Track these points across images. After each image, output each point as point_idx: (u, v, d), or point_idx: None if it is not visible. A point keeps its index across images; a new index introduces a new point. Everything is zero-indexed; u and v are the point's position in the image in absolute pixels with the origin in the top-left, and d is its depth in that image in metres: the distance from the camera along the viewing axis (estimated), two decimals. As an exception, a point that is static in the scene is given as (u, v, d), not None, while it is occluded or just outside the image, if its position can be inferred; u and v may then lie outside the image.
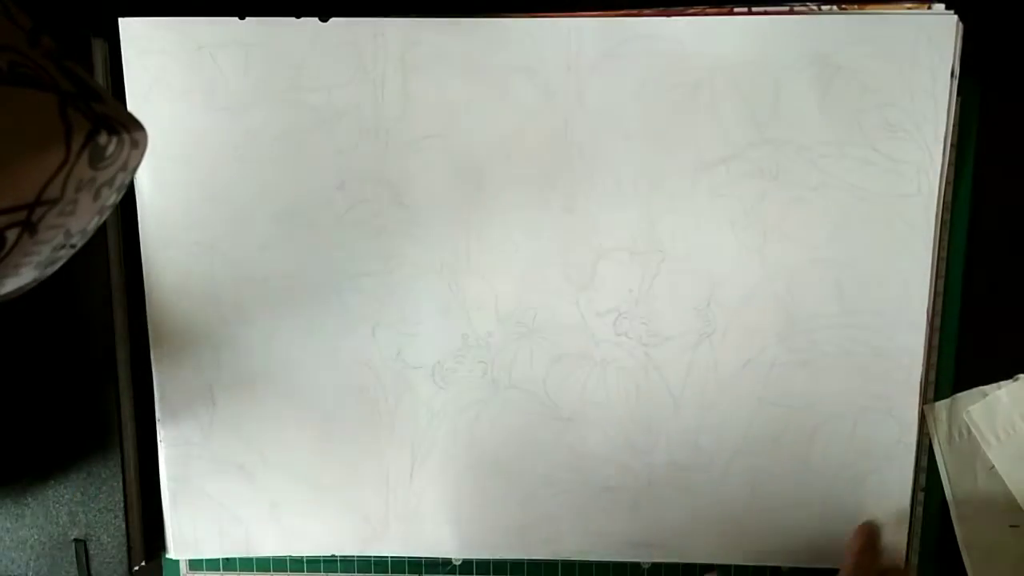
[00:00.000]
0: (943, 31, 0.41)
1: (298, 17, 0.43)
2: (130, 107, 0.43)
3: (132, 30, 0.43)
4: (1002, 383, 0.46)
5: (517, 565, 0.49)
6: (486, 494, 0.47)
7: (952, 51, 0.41)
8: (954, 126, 0.43)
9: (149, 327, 0.46)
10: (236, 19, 0.43)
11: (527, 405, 0.46)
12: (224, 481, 0.47)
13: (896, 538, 0.47)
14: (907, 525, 0.47)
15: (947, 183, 0.44)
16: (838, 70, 0.42)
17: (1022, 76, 0.44)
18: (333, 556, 0.49)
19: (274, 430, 0.47)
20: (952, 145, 0.43)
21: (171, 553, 0.48)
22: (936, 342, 0.46)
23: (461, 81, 0.43)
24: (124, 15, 0.43)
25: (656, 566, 0.49)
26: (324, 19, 0.43)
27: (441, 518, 0.48)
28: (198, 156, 0.44)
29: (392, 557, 0.49)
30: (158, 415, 0.47)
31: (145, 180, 0.44)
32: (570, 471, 0.47)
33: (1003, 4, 0.43)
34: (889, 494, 0.46)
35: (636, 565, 0.49)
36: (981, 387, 0.46)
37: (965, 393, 0.46)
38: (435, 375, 0.46)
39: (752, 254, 0.44)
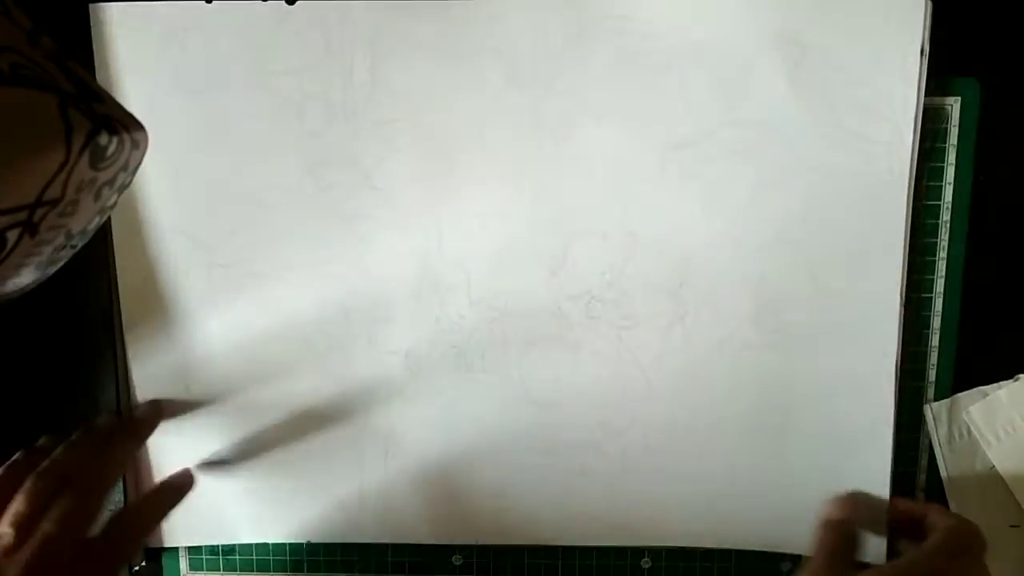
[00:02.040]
0: (912, 9, 0.41)
1: (265, 0, 0.42)
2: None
3: (101, 14, 0.42)
4: (1002, 383, 0.46)
5: (517, 566, 0.49)
6: (460, 479, 0.47)
7: (921, 29, 0.41)
8: (954, 126, 0.43)
9: (121, 312, 0.46)
10: (203, 2, 0.42)
11: (500, 389, 0.46)
12: (197, 467, 0.47)
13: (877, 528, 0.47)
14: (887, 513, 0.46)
15: (947, 183, 0.44)
16: (807, 49, 0.42)
17: (1022, 76, 0.44)
18: (333, 557, 0.49)
19: (247, 416, 0.47)
20: (952, 145, 0.44)
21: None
22: (936, 342, 0.46)
23: (430, 64, 0.43)
24: (94, 0, 0.42)
25: (656, 566, 0.49)
26: (291, 2, 0.42)
27: (416, 504, 0.48)
28: (166, 140, 0.44)
29: (392, 559, 0.49)
30: (133, 400, 0.47)
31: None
32: (544, 455, 0.47)
33: (1002, 4, 0.43)
34: (868, 482, 0.46)
35: (636, 565, 0.49)
36: (981, 387, 0.46)
37: (965, 393, 0.46)
38: (408, 360, 0.46)
39: (724, 235, 0.44)
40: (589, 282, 0.45)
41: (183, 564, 0.50)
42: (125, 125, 0.27)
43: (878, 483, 0.46)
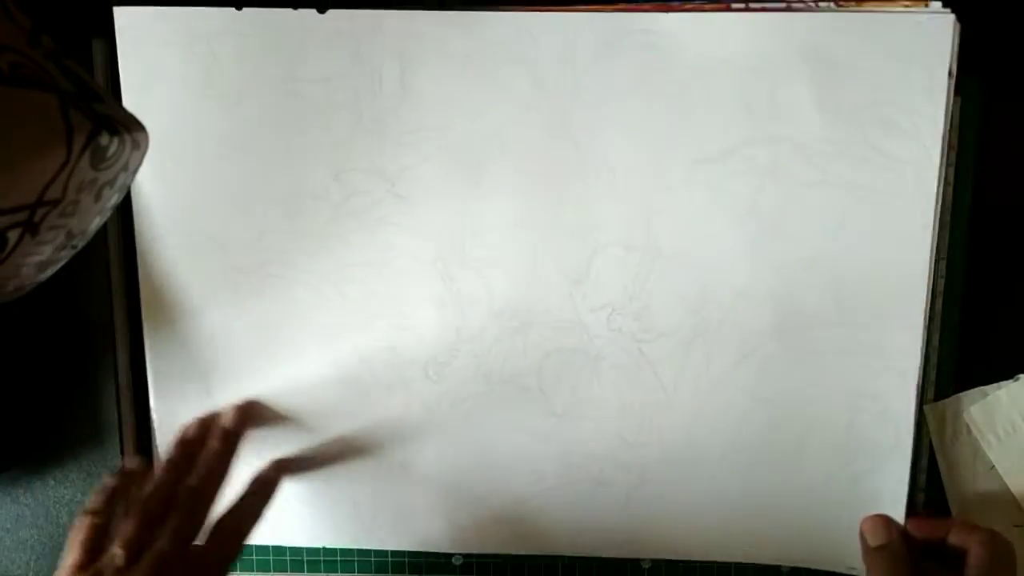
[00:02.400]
0: (940, 30, 0.41)
1: (295, 8, 0.43)
2: (125, 98, 0.43)
3: (127, 20, 0.43)
4: (1002, 383, 0.46)
5: (517, 566, 0.49)
6: (478, 489, 0.47)
7: (949, 50, 0.41)
8: (955, 126, 0.43)
9: (144, 318, 0.46)
10: (233, 9, 0.43)
11: (520, 400, 0.46)
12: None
13: None
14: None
15: (947, 183, 0.44)
16: (835, 67, 0.42)
17: (1022, 76, 0.44)
18: (333, 557, 0.49)
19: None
20: (951, 146, 0.43)
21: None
22: (936, 342, 0.46)
23: (458, 74, 0.43)
24: (119, 4, 0.42)
25: (656, 566, 0.49)
26: (322, 10, 0.43)
27: (433, 512, 0.48)
28: (194, 146, 0.44)
29: (392, 559, 0.49)
30: (153, 405, 0.47)
31: (140, 171, 0.44)
32: (563, 466, 0.47)
33: (1003, 4, 0.43)
34: (886, 499, 0.46)
35: (637, 565, 0.49)
36: (981, 387, 0.46)
37: (965, 393, 0.46)
38: (428, 369, 0.46)
39: (747, 251, 0.44)
40: (611, 294, 0.45)
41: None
42: (126, 125, 0.27)
43: (897, 499, 0.46)
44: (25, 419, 0.46)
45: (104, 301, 0.46)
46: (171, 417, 0.47)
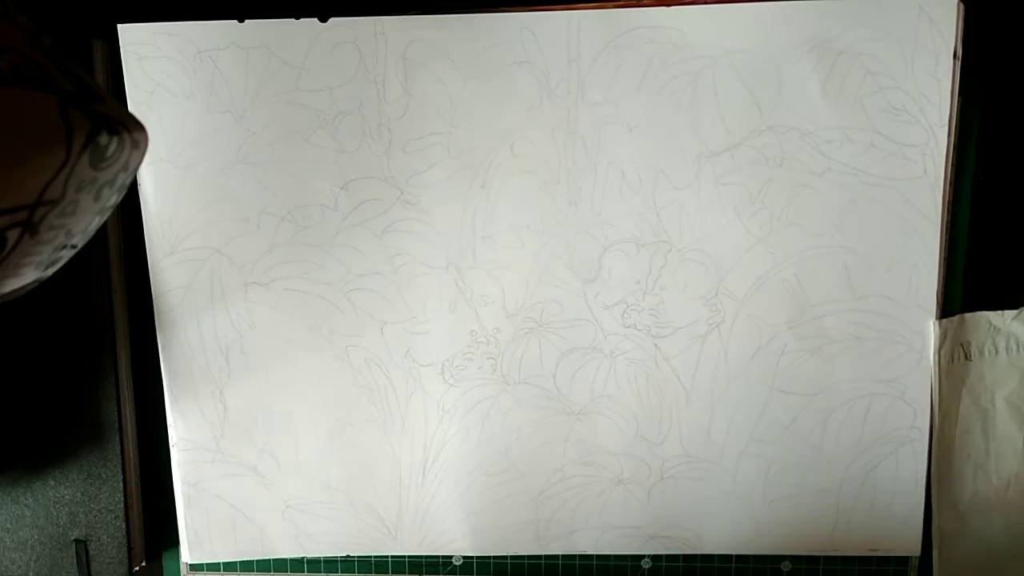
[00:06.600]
0: (944, 12, 0.41)
1: (297, 18, 0.43)
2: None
3: (131, 36, 0.43)
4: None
5: (518, 565, 0.49)
6: (499, 491, 0.47)
7: (954, 32, 0.41)
8: (957, 112, 0.43)
9: (157, 332, 0.46)
10: (235, 22, 0.43)
11: (537, 400, 0.46)
12: (237, 484, 0.47)
13: (911, 523, 0.47)
14: (922, 510, 0.46)
15: (948, 183, 0.44)
16: (840, 55, 0.42)
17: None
18: (334, 556, 0.49)
19: (285, 432, 0.47)
20: (952, 146, 0.43)
21: (186, 557, 0.49)
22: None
23: (462, 77, 0.43)
24: (123, 21, 0.42)
25: (656, 565, 0.49)
26: (323, 19, 0.42)
27: (455, 516, 0.48)
28: (202, 160, 0.44)
29: (392, 557, 0.49)
30: (169, 419, 0.47)
31: (149, 185, 0.44)
32: (582, 465, 0.47)
33: (1004, 3, 0.43)
34: (904, 479, 0.46)
35: (637, 565, 0.49)
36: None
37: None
38: (445, 372, 0.46)
39: (759, 242, 0.44)
40: (624, 291, 0.45)
41: (183, 564, 0.50)
42: (125, 125, 0.27)
43: (916, 482, 0.46)
44: (25, 419, 0.46)
45: (104, 301, 0.45)
46: (188, 431, 0.47)
